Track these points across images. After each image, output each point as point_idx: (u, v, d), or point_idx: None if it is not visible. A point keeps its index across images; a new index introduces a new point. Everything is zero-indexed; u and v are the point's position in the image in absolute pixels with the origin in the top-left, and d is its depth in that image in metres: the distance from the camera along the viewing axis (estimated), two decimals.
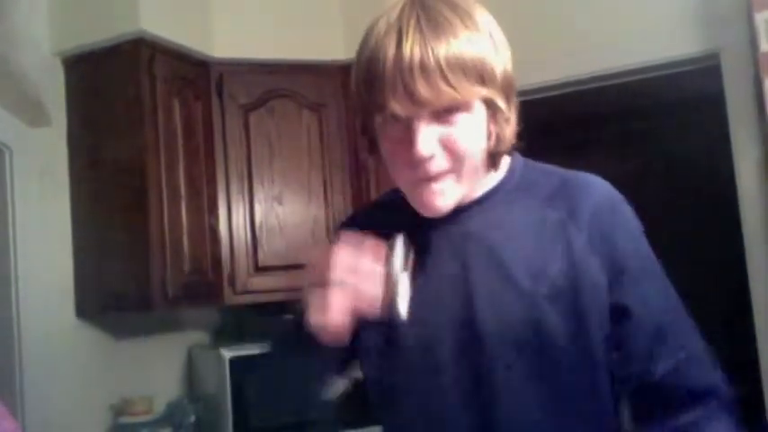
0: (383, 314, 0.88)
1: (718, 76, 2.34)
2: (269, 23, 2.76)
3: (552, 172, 1.08)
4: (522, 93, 1.06)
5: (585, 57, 2.53)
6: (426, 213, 1.00)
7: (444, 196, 0.97)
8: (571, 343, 0.97)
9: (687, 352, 1.01)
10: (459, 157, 0.96)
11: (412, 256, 0.93)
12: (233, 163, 2.67)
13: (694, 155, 4.44)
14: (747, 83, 2.23)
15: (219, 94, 2.68)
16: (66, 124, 2.49)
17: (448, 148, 0.95)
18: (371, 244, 0.89)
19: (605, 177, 1.06)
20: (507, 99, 0.99)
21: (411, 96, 0.91)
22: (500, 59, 0.97)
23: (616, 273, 0.99)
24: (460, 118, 0.94)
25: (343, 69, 2.80)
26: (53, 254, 2.40)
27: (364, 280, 0.87)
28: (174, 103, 2.47)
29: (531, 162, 1.10)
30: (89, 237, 2.44)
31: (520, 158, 1.09)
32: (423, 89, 0.90)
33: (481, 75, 0.93)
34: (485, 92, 0.94)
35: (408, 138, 0.94)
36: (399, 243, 0.91)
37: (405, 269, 0.90)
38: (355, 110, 1.03)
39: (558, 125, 4.08)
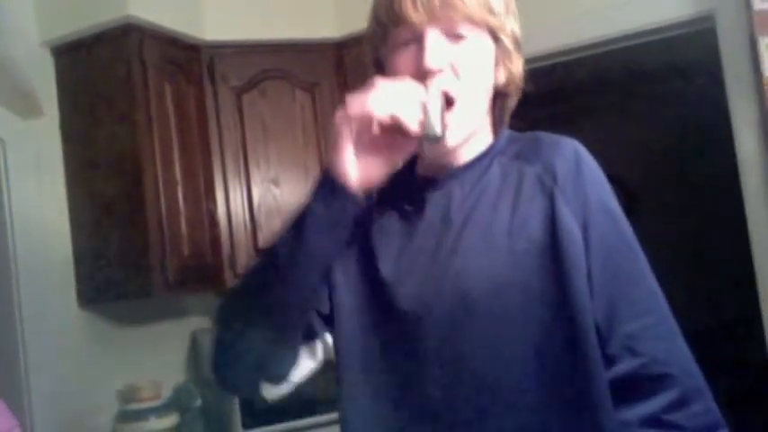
0: (420, 132, 0.93)
1: (714, 38, 2.31)
2: (259, 4, 2.72)
3: (528, 135, 1.11)
4: None
5: (572, 25, 2.49)
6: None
7: (450, 129, 0.99)
8: (552, 298, 0.95)
9: (649, 321, 0.97)
10: (466, 78, 1.00)
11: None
12: (228, 146, 2.65)
13: (692, 121, 4.41)
14: (744, 45, 2.19)
15: (211, 78, 2.65)
16: (59, 114, 2.48)
17: (456, 68, 0.99)
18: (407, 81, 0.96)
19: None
20: (515, 47, 1.06)
21: (427, 4, 0.97)
22: (509, 18, 1.05)
23: (584, 227, 0.98)
24: (470, 40, 1.00)
25: (335, 47, 2.77)
26: (52, 245, 2.40)
27: (403, 98, 0.93)
28: (165, 89, 2.45)
29: (515, 132, 1.13)
30: (87, 226, 2.43)
31: (507, 130, 1.13)
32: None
33: (492, 10, 1.01)
34: (495, 22, 1.01)
35: (419, 54, 0.98)
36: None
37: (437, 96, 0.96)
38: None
39: (551, 95, 4.04)
